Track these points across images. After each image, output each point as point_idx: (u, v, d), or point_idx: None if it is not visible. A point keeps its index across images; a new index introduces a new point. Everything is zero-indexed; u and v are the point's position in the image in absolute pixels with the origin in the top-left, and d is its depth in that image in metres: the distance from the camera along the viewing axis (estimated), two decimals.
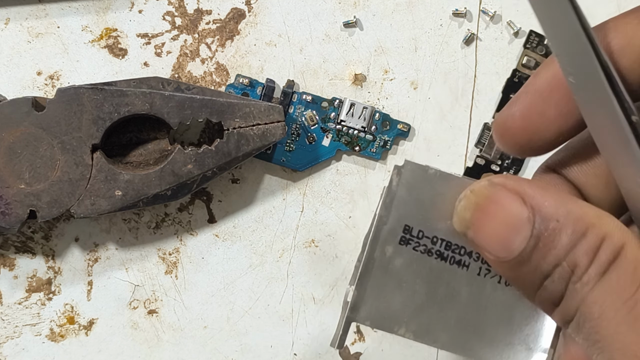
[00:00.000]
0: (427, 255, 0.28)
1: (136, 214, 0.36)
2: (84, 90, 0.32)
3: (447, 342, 0.28)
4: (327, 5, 0.36)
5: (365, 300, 0.28)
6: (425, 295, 0.28)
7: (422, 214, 0.28)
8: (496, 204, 0.25)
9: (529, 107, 0.26)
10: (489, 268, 0.28)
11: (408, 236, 0.28)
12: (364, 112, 0.35)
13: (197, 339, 0.36)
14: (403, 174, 0.28)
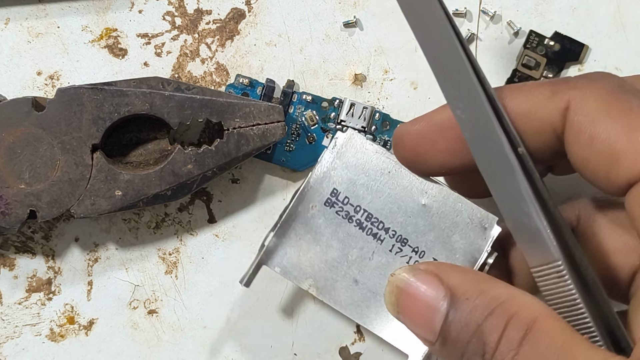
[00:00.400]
0: (348, 221, 0.30)
1: (136, 214, 0.36)
2: (84, 90, 0.32)
3: (348, 304, 0.30)
4: (327, 5, 0.36)
5: (281, 247, 0.30)
6: (337, 254, 0.30)
7: (352, 183, 0.30)
8: (416, 287, 0.26)
9: (424, 132, 0.27)
10: (401, 247, 0.30)
11: (334, 199, 0.30)
12: (364, 112, 0.35)
13: (197, 339, 0.36)
14: (345, 142, 0.30)
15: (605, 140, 0.23)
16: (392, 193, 0.30)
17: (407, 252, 0.30)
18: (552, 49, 0.36)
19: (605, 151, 0.23)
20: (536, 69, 0.36)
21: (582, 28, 0.36)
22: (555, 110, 0.24)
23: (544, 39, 0.36)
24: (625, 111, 0.23)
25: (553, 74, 0.36)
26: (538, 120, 0.25)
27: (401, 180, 0.30)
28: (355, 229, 0.30)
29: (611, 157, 0.23)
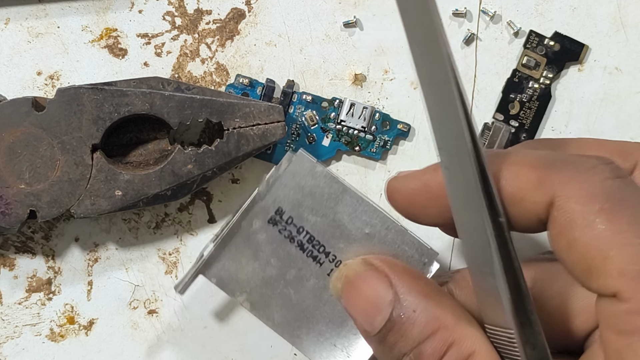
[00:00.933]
0: (289, 241, 0.30)
1: (136, 214, 0.36)
2: (84, 90, 0.32)
3: (280, 323, 0.30)
4: (327, 5, 0.36)
5: (220, 259, 0.30)
6: (275, 272, 0.30)
7: (298, 203, 0.30)
8: (364, 282, 0.27)
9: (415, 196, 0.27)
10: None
11: (278, 218, 0.30)
12: (364, 112, 0.35)
13: (197, 339, 0.36)
14: (293, 162, 0.30)
15: (581, 251, 0.22)
16: (337, 218, 0.30)
17: None
18: (552, 49, 0.36)
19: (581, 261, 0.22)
20: (536, 69, 0.36)
21: (582, 28, 0.36)
22: (540, 202, 0.24)
23: (544, 39, 0.36)
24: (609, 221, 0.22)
25: (553, 74, 0.36)
26: (523, 206, 0.24)
27: (347, 207, 0.30)
28: (295, 250, 0.30)
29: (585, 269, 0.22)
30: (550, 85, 0.36)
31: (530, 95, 0.36)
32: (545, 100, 0.36)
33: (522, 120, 0.36)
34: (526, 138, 0.36)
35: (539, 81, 0.36)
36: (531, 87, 0.36)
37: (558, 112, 0.36)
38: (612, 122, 0.36)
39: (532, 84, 0.36)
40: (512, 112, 0.36)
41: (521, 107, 0.36)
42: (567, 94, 0.36)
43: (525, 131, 0.36)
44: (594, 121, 0.36)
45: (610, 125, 0.36)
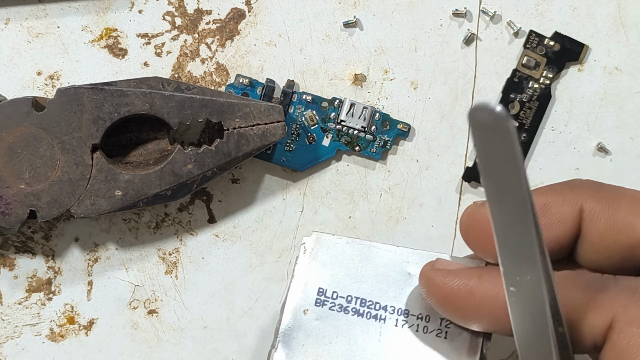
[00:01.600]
0: (344, 312, 0.29)
1: (136, 214, 0.36)
2: (84, 90, 0.32)
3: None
4: (327, 5, 0.36)
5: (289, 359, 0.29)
6: (347, 347, 0.29)
7: (334, 277, 0.30)
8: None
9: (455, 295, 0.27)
10: (405, 319, 0.29)
11: (323, 298, 0.29)
12: (364, 112, 0.35)
13: (197, 339, 0.36)
14: (314, 244, 0.30)
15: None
16: (376, 273, 0.30)
17: (413, 321, 0.30)
18: (552, 49, 0.36)
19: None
20: (536, 69, 0.36)
21: (582, 28, 0.36)
22: (599, 326, 0.24)
23: (544, 39, 0.36)
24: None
25: (553, 74, 0.36)
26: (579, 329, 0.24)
27: (379, 259, 0.30)
28: (354, 318, 0.30)
29: None
30: (550, 85, 0.36)
31: (530, 95, 0.36)
32: (545, 100, 0.36)
33: (522, 120, 0.36)
34: (526, 138, 0.36)
35: (539, 81, 0.36)
36: (531, 87, 0.36)
37: (558, 112, 0.36)
38: (612, 122, 0.36)
39: (532, 84, 0.36)
40: (512, 112, 0.36)
41: (521, 107, 0.36)
42: (567, 94, 0.36)
43: (525, 131, 0.36)
44: (594, 121, 0.36)
45: (610, 125, 0.36)
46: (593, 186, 0.27)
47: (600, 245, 0.26)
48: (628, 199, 0.26)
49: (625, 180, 0.36)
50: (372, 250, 0.30)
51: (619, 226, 0.26)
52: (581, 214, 0.26)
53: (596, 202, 0.26)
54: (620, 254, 0.26)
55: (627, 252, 0.26)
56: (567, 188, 0.27)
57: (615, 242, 0.26)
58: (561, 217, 0.26)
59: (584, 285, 0.24)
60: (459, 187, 0.36)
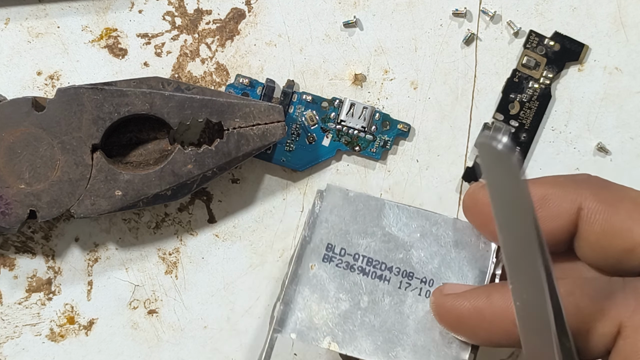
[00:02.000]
0: (350, 270, 0.30)
1: (136, 214, 0.36)
2: (84, 90, 0.32)
3: (373, 350, 0.30)
4: (327, 5, 0.36)
5: (291, 314, 0.30)
6: (349, 305, 0.30)
7: (344, 233, 0.30)
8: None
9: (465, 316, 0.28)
10: (409, 282, 0.30)
11: (331, 254, 0.30)
12: (364, 112, 0.35)
13: (197, 339, 0.36)
14: (325, 197, 0.30)
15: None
16: (385, 232, 0.30)
17: (416, 285, 0.30)
18: (552, 48, 0.36)
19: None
20: (536, 69, 0.36)
21: (582, 28, 0.36)
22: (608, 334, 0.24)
23: (544, 39, 0.36)
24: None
25: (553, 74, 0.36)
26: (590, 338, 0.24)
27: (390, 218, 0.30)
28: (359, 277, 0.30)
29: None
30: (550, 85, 0.36)
31: (530, 95, 0.36)
32: (545, 100, 0.36)
33: (522, 120, 0.36)
34: (526, 138, 0.36)
35: (539, 81, 0.36)
36: (531, 87, 0.36)
37: (558, 112, 0.36)
38: (612, 122, 0.36)
39: (532, 84, 0.36)
40: (512, 112, 0.36)
41: (521, 107, 0.36)
42: (567, 94, 0.36)
43: (525, 131, 0.36)
44: (594, 121, 0.36)
45: (610, 125, 0.36)
46: (596, 184, 0.27)
47: (596, 245, 0.26)
48: (629, 202, 0.26)
49: (626, 180, 0.36)
50: (384, 208, 0.30)
51: (615, 230, 0.26)
52: (579, 212, 0.26)
53: (596, 202, 0.26)
54: (616, 255, 0.26)
55: (624, 254, 0.26)
56: (570, 183, 0.27)
57: (611, 245, 0.26)
58: (559, 212, 0.26)
59: (592, 293, 0.24)
60: (459, 187, 0.36)
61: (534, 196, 0.26)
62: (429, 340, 0.30)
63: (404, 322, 0.30)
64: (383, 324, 0.30)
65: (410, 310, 0.30)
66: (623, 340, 0.23)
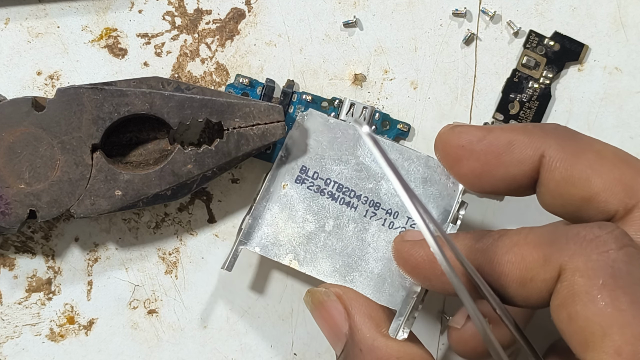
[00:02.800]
0: (320, 194, 0.31)
1: (136, 214, 0.36)
2: (84, 90, 0.32)
3: (331, 272, 0.31)
4: (327, 5, 0.36)
5: (258, 228, 0.31)
6: (314, 226, 0.31)
7: (320, 157, 0.31)
8: (326, 312, 0.29)
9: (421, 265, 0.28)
10: (375, 211, 0.31)
11: (304, 176, 0.31)
12: (364, 112, 0.35)
13: (197, 339, 0.36)
14: (306, 120, 0.32)
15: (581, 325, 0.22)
16: (359, 161, 0.31)
17: (381, 215, 0.31)
18: (552, 48, 0.36)
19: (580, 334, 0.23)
20: (536, 69, 0.36)
21: (582, 28, 0.36)
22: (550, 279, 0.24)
23: (543, 38, 0.36)
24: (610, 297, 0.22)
25: (553, 74, 0.36)
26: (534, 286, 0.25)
27: (366, 148, 0.31)
28: (328, 201, 0.31)
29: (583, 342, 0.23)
30: (550, 85, 0.36)
31: (530, 95, 0.36)
32: (545, 100, 0.36)
33: (522, 120, 0.36)
34: None
35: (539, 81, 0.36)
36: (531, 87, 0.36)
37: (558, 112, 0.36)
38: (612, 122, 0.36)
39: (532, 83, 0.36)
40: (512, 112, 0.36)
41: (521, 107, 0.36)
42: (567, 94, 0.36)
43: None
44: (594, 121, 0.36)
45: (610, 125, 0.36)
46: (563, 134, 0.28)
47: (555, 193, 0.27)
48: (592, 153, 0.26)
49: None
50: (361, 137, 0.31)
51: (574, 178, 0.26)
52: (542, 160, 0.27)
53: (559, 151, 0.27)
54: (574, 204, 0.26)
55: (582, 203, 0.26)
56: (537, 131, 0.28)
57: (569, 193, 0.26)
58: (521, 158, 0.27)
59: (535, 242, 0.25)
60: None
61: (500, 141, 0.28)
62: (386, 270, 0.31)
63: (364, 249, 0.31)
64: (344, 248, 0.31)
65: (372, 238, 0.31)
66: (560, 283, 0.23)
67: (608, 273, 0.22)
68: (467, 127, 0.29)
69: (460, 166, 0.29)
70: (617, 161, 0.26)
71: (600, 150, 0.27)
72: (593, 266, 0.23)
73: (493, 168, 0.28)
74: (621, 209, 0.25)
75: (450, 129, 0.29)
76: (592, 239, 0.23)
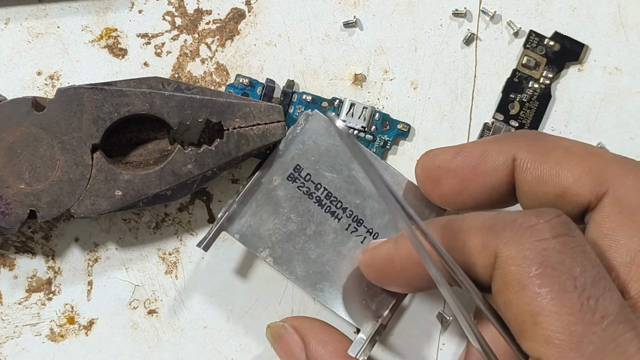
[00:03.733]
0: (308, 197, 0.31)
1: (136, 214, 0.36)
2: (84, 90, 0.32)
3: (302, 277, 0.31)
4: (327, 5, 0.36)
5: (242, 215, 0.31)
6: (296, 227, 0.31)
7: (315, 161, 0.31)
8: (285, 344, 0.31)
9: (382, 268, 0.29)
10: (357, 227, 0.32)
11: (296, 175, 0.31)
12: (364, 112, 0.35)
13: (197, 339, 0.36)
14: (310, 121, 0.32)
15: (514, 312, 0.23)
16: (352, 175, 0.31)
17: (362, 233, 0.31)
18: (552, 49, 0.36)
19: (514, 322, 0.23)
20: (536, 69, 0.36)
21: (582, 28, 0.36)
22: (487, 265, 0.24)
23: (543, 39, 0.36)
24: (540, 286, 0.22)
25: (553, 74, 0.36)
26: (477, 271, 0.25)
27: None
28: (314, 206, 0.31)
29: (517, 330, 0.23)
30: (550, 85, 0.36)
31: (530, 95, 0.36)
32: (545, 100, 0.36)
33: (522, 120, 0.36)
34: None
35: (539, 81, 0.36)
36: (531, 87, 0.36)
37: (558, 112, 0.36)
38: (612, 122, 0.36)
39: (532, 84, 0.36)
40: (512, 112, 0.36)
41: (521, 107, 0.36)
42: (567, 94, 0.36)
43: None
44: (594, 121, 0.36)
45: (610, 125, 0.36)
46: (531, 137, 0.28)
47: (530, 194, 0.27)
48: (560, 151, 0.27)
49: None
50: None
51: (545, 176, 0.27)
52: (514, 164, 0.27)
53: (528, 152, 0.27)
54: (549, 202, 0.27)
55: (556, 200, 0.26)
56: (507, 137, 0.28)
57: (542, 192, 0.27)
58: (495, 166, 0.28)
59: (477, 228, 0.25)
60: None
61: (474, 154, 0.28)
62: (356, 287, 0.31)
63: (339, 262, 0.31)
64: (320, 256, 0.31)
65: (348, 253, 0.31)
66: (495, 271, 0.24)
67: (539, 262, 0.22)
68: (441, 149, 0.30)
69: (440, 186, 0.29)
70: (586, 154, 0.27)
71: (568, 146, 0.27)
72: (526, 255, 0.23)
73: (471, 181, 0.28)
74: (593, 199, 0.26)
75: (426, 154, 0.30)
76: (528, 227, 0.23)
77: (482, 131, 0.36)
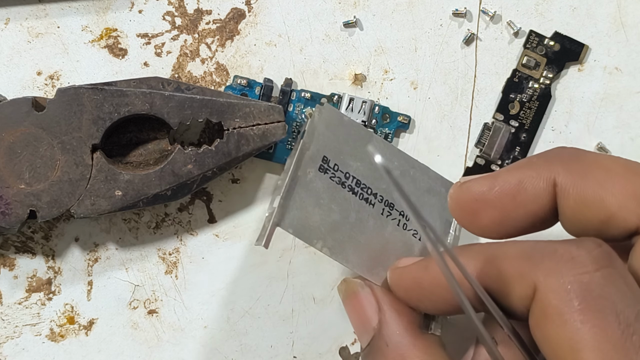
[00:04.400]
0: (341, 186, 0.31)
1: (136, 214, 0.36)
2: (84, 90, 0.32)
3: (357, 263, 0.31)
4: (327, 5, 0.36)
5: (289, 210, 0.31)
6: (338, 217, 0.31)
7: (338, 151, 0.31)
8: (358, 302, 0.30)
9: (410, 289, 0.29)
10: (390, 211, 0.32)
11: (326, 166, 0.31)
12: (363, 106, 0.35)
13: (197, 339, 0.36)
14: (322, 112, 0.31)
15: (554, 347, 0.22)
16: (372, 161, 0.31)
17: (396, 215, 0.32)
18: (552, 49, 0.36)
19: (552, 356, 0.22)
20: (536, 69, 0.36)
21: (582, 28, 0.36)
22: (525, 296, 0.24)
23: (544, 39, 0.36)
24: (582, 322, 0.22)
25: (553, 74, 0.36)
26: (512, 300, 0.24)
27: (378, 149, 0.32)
28: (349, 194, 0.31)
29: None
30: (550, 85, 0.36)
31: (530, 95, 0.36)
32: (545, 100, 0.36)
33: (522, 120, 0.36)
34: (526, 138, 0.36)
35: (539, 81, 0.36)
36: (531, 87, 0.36)
37: (558, 112, 0.36)
38: (612, 122, 0.36)
39: (532, 84, 0.36)
40: (512, 112, 0.36)
41: (521, 107, 0.36)
42: (567, 94, 0.36)
43: (525, 131, 0.36)
44: (594, 121, 0.36)
45: (610, 125, 0.36)
46: (568, 157, 0.27)
47: (573, 219, 0.26)
48: (600, 171, 0.26)
49: None
50: (372, 139, 0.32)
51: (588, 201, 0.25)
52: (555, 189, 0.26)
53: (567, 175, 0.26)
54: (594, 227, 0.26)
55: (601, 225, 0.25)
56: (542, 161, 0.27)
57: (586, 217, 0.26)
58: (536, 193, 0.27)
59: (513, 256, 0.24)
60: None
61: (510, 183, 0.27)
62: None
63: (385, 246, 0.31)
64: (368, 242, 0.31)
65: (390, 236, 0.31)
66: (534, 302, 0.23)
67: (581, 296, 0.22)
68: (474, 180, 0.28)
69: (480, 219, 0.28)
70: (630, 175, 0.25)
71: (608, 166, 0.26)
72: (567, 288, 0.22)
73: (512, 211, 0.27)
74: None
75: (459, 187, 0.29)
76: (569, 258, 0.23)
77: (482, 131, 0.36)
